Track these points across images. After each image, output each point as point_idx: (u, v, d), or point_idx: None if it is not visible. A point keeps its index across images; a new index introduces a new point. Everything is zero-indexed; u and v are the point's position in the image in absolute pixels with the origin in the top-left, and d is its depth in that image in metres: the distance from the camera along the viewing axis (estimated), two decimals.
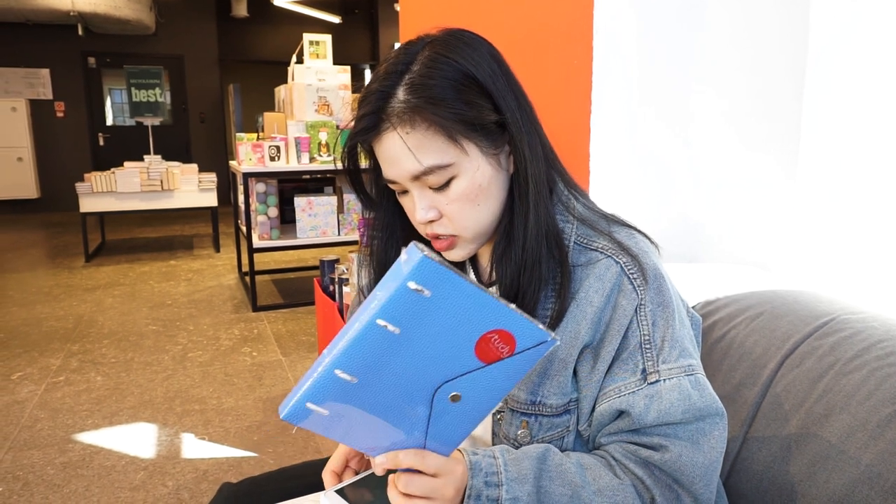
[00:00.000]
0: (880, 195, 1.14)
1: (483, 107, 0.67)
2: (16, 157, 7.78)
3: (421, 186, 0.69)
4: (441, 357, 0.54)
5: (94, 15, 6.93)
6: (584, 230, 0.73)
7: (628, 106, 1.33)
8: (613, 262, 0.70)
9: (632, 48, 1.30)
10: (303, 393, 0.52)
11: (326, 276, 2.61)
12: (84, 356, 3.03)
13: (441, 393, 0.56)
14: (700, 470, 0.66)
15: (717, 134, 1.35)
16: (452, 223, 0.71)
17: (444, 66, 0.66)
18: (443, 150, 0.67)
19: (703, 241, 1.39)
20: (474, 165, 0.68)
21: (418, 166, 0.67)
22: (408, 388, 0.55)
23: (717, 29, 1.31)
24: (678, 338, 0.70)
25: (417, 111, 0.65)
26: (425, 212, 0.70)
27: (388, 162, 0.69)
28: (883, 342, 0.79)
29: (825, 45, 1.14)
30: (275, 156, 3.63)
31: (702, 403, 0.67)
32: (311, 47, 4.15)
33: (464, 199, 0.69)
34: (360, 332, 0.50)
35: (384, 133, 0.67)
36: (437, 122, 0.65)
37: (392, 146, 0.67)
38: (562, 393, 0.71)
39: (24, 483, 1.94)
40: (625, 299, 0.69)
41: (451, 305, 0.51)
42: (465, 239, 0.72)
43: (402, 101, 0.66)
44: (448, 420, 0.59)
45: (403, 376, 0.54)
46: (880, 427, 0.70)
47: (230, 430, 2.29)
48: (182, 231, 6.73)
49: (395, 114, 0.66)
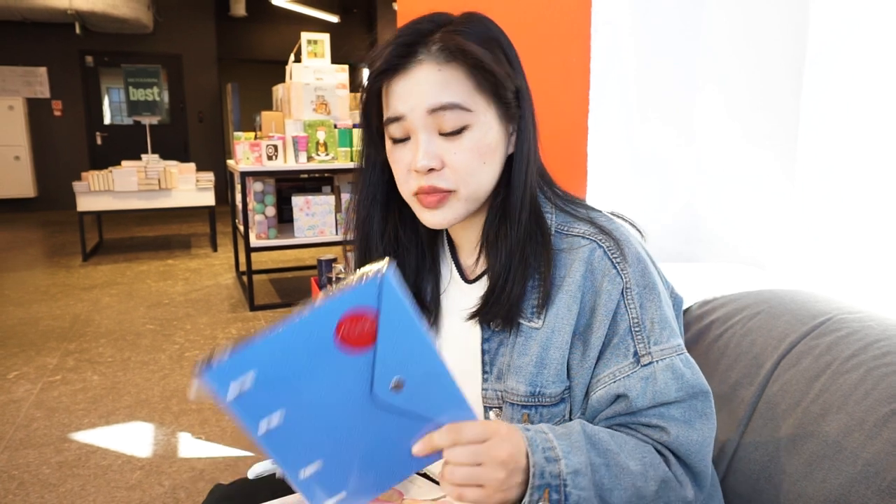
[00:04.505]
0: (878, 195, 1.14)
1: (507, 72, 0.70)
2: (13, 155, 7.76)
3: (430, 129, 0.69)
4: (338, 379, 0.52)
5: (92, 13, 6.92)
6: (563, 217, 0.74)
7: (626, 106, 1.33)
8: (596, 245, 0.71)
9: (630, 48, 1.30)
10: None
11: (324, 276, 2.61)
12: (81, 355, 3.02)
13: (379, 392, 0.53)
14: (696, 447, 0.68)
15: (716, 134, 1.35)
16: (455, 174, 0.69)
17: (481, 26, 0.70)
18: (468, 96, 0.68)
19: (701, 240, 1.39)
20: (489, 124, 0.70)
21: (441, 99, 0.67)
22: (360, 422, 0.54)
23: (715, 28, 1.31)
24: (666, 318, 0.71)
25: (455, 53, 0.67)
26: (429, 158, 0.68)
27: (408, 94, 0.68)
28: (880, 342, 0.78)
29: (823, 44, 1.14)
30: (272, 155, 3.62)
31: (693, 381, 0.69)
32: (309, 46, 4.15)
33: (473, 152, 0.69)
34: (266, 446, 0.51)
35: (415, 64, 0.68)
36: (471, 68, 0.67)
37: (420, 77, 0.68)
38: (559, 381, 0.71)
39: (19, 482, 1.94)
40: (610, 284, 0.69)
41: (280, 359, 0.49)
42: (460, 197, 0.70)
43: (440, 39, 0.68)
44: (423, 400, 0.55)
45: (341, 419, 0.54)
46: (877, 426, 0.70)
47: (227, 429, 2.28)
48: (179, 230, 6.72)
49: (432, 49, 0.68)
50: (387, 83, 0.70)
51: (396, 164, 0.72)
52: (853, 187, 1.17)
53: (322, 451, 0.53)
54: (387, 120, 0.71)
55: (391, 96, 0.70)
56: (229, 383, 0.47)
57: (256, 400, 0.49)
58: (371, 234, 0.79)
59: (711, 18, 1.31)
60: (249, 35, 9.14)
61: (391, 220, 0.79)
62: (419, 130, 0.69)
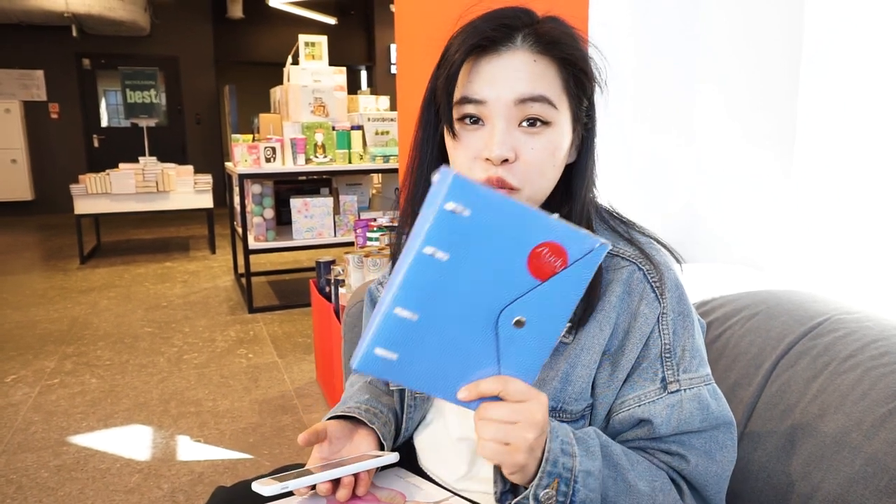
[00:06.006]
0: (875, 195, 1.14)
1: (588, 81, 0.69)
2: (10, 158, 7.75)
3: (511, 120, 0.65)
4: (496, 279, 0.53)
5: (89, 16, 6.91)
6: (607, 234, 0.74)
7: (624, 106, 1.33)
8: (637, 268, 0.70)
9: (630, 48, 1.30)
10: (370, 339, 0.53)
11: (322, 278, 2.60)
12: (79, 358, 3.02)
13: (504, 319, 0.54)
14: (713, 478, 0.68)
15: (713, 135, 1.35)
16: (525, 171, 0.66)
17: (571, 29, 0.69)
18: (556, 93, 0.66)
19: (697, 240, 1.39)
20: (566, 129, 0.68)
21: (534, 89, 0.64)
22: (470, 318, 0.54)
23: (714, 28, 1.31)
24: (698, 347, 0.71)
25: (553, 48, 0.66)
26: (506, 149, 0.64)
27: (496, 79, 0.65)
28: (877, 342, 0.79)
29: (818, 43, 1.15)
30: (270, 157, 3.62)
31: (718, 412, 0.69)
32: (306, 48, 4.15)
33: (547, 151, 0.67)
34: (412, 264, 0.51)
35: (509, 49, 0.65)
36: (564, 69, 0.66)
37: (512, 64, 0.65)
38: (582, 399, 0.71)
39: (17, 486, 1.93)
40: (647, 307, 0.69)
41: (493, 222, 0.51)
42: (522, 196, 0.68)
43: (542, 32, 0.66)
44: (517, 348, 0.56)
45: (463, 305, 0.53)
46: (875, 426, 0.70)
47: (226, 432, 2.28)
48: (178, 233, 6.71)
49: (531, 39, 0.66)
50: (473, 60, 0.66)
51: (461, 150, 0.68)
52: (850, 188, 1.17)
53: (429, 310, 0.53)
54: (462, 98, 0.66)
55: (475, 75, 0.65)
56: (457, 197, 0.49)
57: (451, 228, 0.50)
58: None
59: (710, 18, 1.31)
60: (247, 37, 9.14)
61: None
62: (498, 118, 0.65)
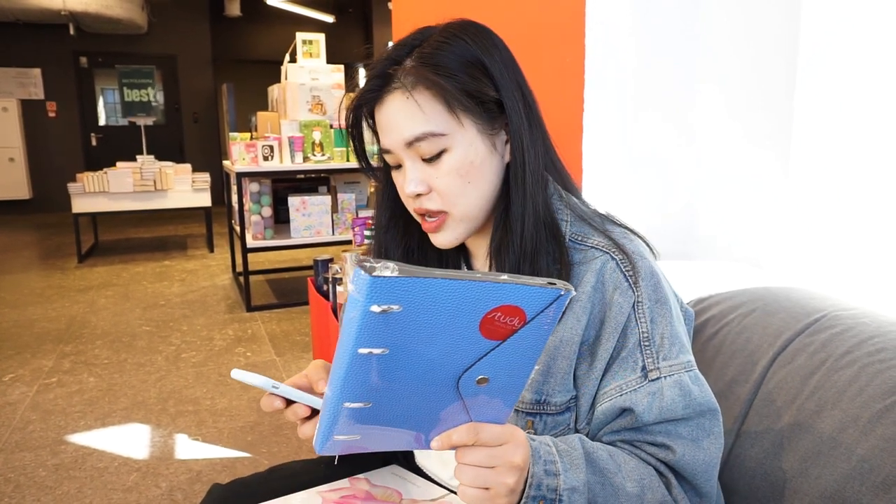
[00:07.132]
0: (871, 192, 1.14)
1: (485, 84, 0.69)
2: (7, 157, 7.73)
3: (413, 157, 0.70)
4: (449, 351, 0.50)
5: (86, 14, 6.89)
6: (579, 227, 0.74)
7: (623, 105, 1.33)
8: (609, 257, 0.70)
9: (629, 48, 1.30)
10: (325, 428, 0.52)
11: (320, 276, 2.60)
12: (76, 357, 3.01)
13: (465, 380, 0.53)
14: (702, 466, 0.68)
15: (711, 133, 1.35)
16: (441, 198, 0.71)
17: (453, 42, 0.69)
18: (440, 119, 0.68)
19: (696, 238, 1.39)
20: (468, 141, 0.70)
21: (413, 131, 0.68)
22: (428, 388, 0.52)
23: (714, 28, 1.31)
24: (677, 334, 0.70)
25: (421, 76, 0.68)
26: (414, 184, 0.70)
27: (387, 128, 0.71)
28: (874, 338, 0.79)
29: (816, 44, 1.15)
30: (268, 155, 3.62)
31: (702, 399, 0.68)
32: (304, 46, 4.14)
33: (454, 174, 0.70)
34: (349, 365, 0.48)
35: (387, 95, 0.70)
36: (439, 89, 0.68)
37: (392, 108, 0.69)
38: (565, 390, 0.71)
39: (15, 485, 1.93)
40: (621, 296, 0.69)
41: (432, 306, 0.46)
42: (454, 218, 0.72)
43: (408, 67, 0.69)
44: (486, 400, 0.55)
45: (417, 380, 0.51)
46: (871, 423, 0.70)
47: (224, 430, 2.28)
48: (176, 231, 6.71)
49: (401, 77, 0.69)
50: (374, 112, 0.73)
51: (398, 188, 0.75)
52: (847, 184, 1.17)
53: (380, 395, 0.51)
54: (380, 150, 0.74)
55: (377, 126, 0.73)
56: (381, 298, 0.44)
57: (383, 326, 0.46)
58: (389, 246, 0.82)
59: (710, 18, 1.31)
60: (244, 35, 9.12)
61: (411, 230, 0.80)
62: (405, 159, 0.71)
